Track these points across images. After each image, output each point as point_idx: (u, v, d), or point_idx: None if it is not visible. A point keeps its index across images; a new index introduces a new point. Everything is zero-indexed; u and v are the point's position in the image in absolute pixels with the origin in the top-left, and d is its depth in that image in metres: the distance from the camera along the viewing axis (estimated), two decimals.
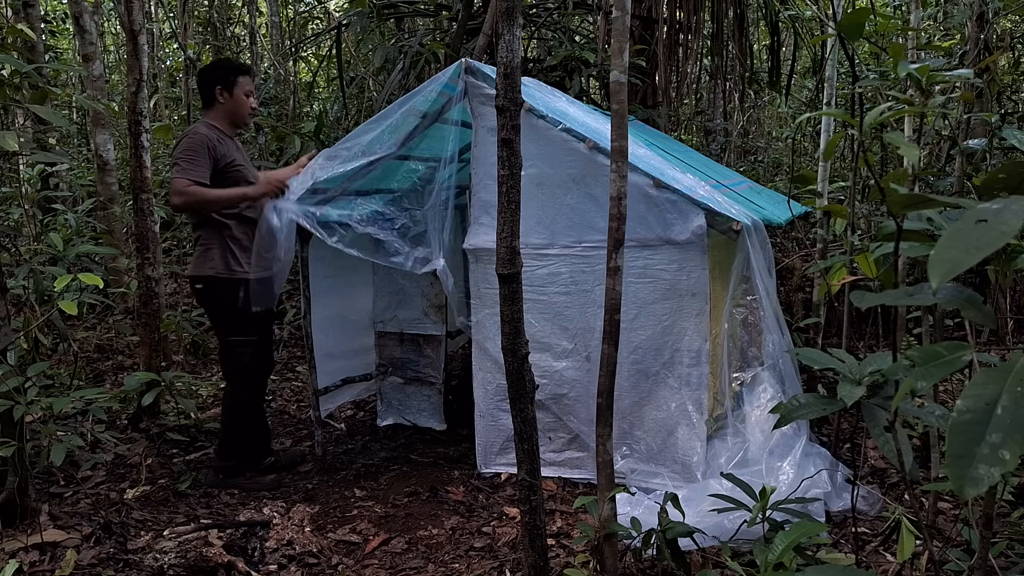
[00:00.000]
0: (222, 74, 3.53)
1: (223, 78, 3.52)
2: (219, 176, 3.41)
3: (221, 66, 3.59)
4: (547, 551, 2.34)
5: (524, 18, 6.42)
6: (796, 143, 8.17)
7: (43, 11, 8.98)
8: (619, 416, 3.10)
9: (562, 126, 3.30)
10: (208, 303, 3.56)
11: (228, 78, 3.52)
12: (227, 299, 3.45)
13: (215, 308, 3.55)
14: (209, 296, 3.49)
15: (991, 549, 1.96)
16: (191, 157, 3.33)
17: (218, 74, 3.54)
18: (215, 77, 3.53)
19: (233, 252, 3.44)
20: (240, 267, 3.44)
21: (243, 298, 3.44)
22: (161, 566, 2.70)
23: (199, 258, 3.48)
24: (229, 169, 3.44)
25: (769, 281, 3.28)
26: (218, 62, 3.67)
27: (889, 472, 3.38)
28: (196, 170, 3.32)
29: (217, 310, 3.54)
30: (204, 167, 3.34)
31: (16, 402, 2.86)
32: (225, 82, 3.52)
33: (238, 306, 3.44)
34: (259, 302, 3.46)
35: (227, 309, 3.48)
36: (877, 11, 3.41)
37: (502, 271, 2.17)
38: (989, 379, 1.01)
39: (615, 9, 2.43)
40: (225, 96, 3.53)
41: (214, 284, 3.44)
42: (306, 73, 11.72)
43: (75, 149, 9.66)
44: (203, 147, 3.35)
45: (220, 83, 3.52)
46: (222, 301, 3.47)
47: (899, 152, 2.16)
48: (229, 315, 3.48)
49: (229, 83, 3.52)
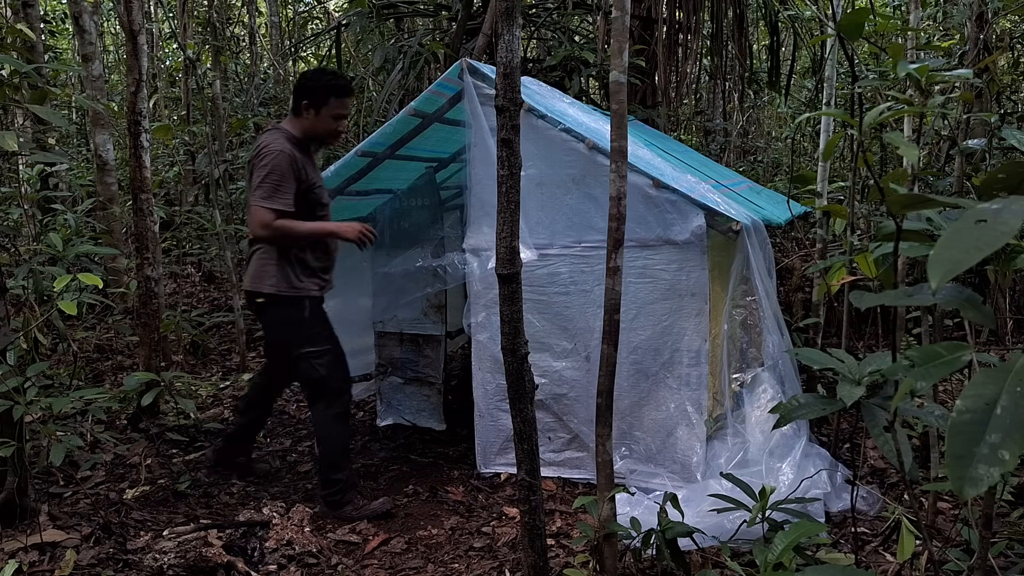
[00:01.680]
0: (315, 91, 3.21)
1: (314, 95, 3.20)
2: (300, 197, 3.15)
3: (318, 82, 3.24)
4: (547, 551, 2.34)
5: (524, 18, 6.42)
6: (796, 143, 8.17)
7: (43, 11, 8.98)
8: (619, 416, 3.10)
9: (562, 126, 3.30)
10: (268, 319, 3.32)
11: (319, 97, 3.20)
12: (292, 314, 3.23)
13: (279, 324, 3.30)
14: (270, 312, 3.25)
15: (991, 549, 1.96)
16: (277, 183, 3.05)
17: (312, 88, 3.21)
18: (307, 90, 3.22)
19: (295, 269, 3.19)
20: (302, 283, 3.21)
21: (309, 312, 3.24)
22: (161, 566, 2.70)
23: (257, 272, 3.21)
24: (309, 192, 3.19)
25: (768, 281, 3.28)
26: (319, 75, 3.31)
27: (889, 472, 3.38)
28: (282, 198, 3.06)
29: (282, 326, 3.29)
30: (289, 193, 3.08)
31: (16, 402, 2.85)
32: (314, 100, 3.20)
33: (304, 319, 3.23)
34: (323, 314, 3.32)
35: (294, 324, 3.25)
36: (877, 11, 3.41)
37: (502, 271, 2.17)
38: (989, 379, 1.01)
39: (615, 9, 2.43)
40: (310, 114, 3.22)
41: (276, 301, 3.20)
42: None
43: (75, 149, 9.66)
44: (289, 169, 3.07)
45: (309, 99, 3.20)
46: (287, 317, 3.25)
47: (898, 152, 2.16)
48: (297, 330, 3.26)
49: (318, 102, 3.20)
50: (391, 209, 4.32)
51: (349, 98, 3.30)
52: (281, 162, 3.07)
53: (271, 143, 3.13)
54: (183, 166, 8.34)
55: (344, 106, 3.26)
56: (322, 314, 3.33)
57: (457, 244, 3.83)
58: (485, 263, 3.39)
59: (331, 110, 3.22)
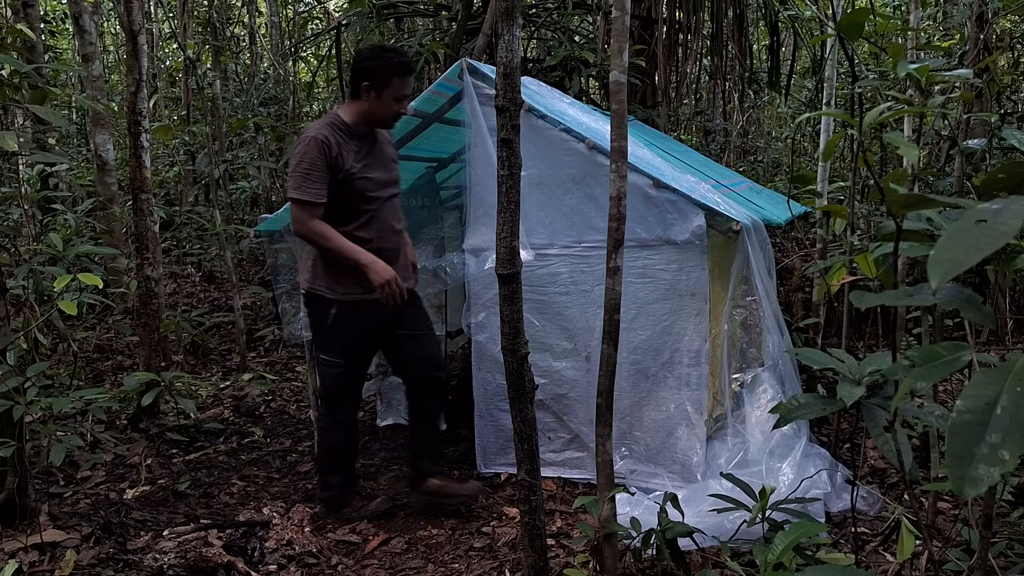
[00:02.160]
0: (377, 71, 2.96)
1: (376, 75, 2.95)
2: (337, 188, 2.96)
3: (380, 60, 2.98)
4: (547, 551, 2.34)
5: (524, 18, 6.42)
6: (796, 143, 8.17)
7: (43, 11, 8.98)
8: (619, 416, 3.09)
9: (562, 126, 3.30)
10: (314, 321, 3.22)
11: (382, 77, 2.96)
12: (318, 315, 3.13)
13: (310, 320, 3.23)
14: (314, 313, 3.16)
15: (991, 549, 1.96)
16: (305, 172, 2.89)
17: (373, 68, 2.97)
18: (367, 70, 2.97)
19: (330, 269, 3.04)
20: (335, 287, 3.05)
21: (335, 318, 3.08)
22: (161, 566, 2.70)
23: (301, 266, 3.21)
24: (349, 179, 2.97)
25: (769, 281, 3.28)
26: (379, 53, 3.03)
27: (889, 472, 3.38)
28: (311, 187, 2.89)
29: (311, 323, 3.24)
30: (319, 183, 2.90)
31: (16, 402, 2.85)
32: (376, 80, 2.96)
33: (327, 324, 3.10)
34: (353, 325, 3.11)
35: (318, 325, 3.16)
36: (877, 11, 3.41)
37: (502, 271, 2.17)
38: (989, 379, 1.01)
39: (615, 9, 2.43)
40: (370, 96, 2.99)
41: (308, 297, 3.14)
42: (306, 73, 11.73)
43: (75, 149, 9.66)
44: (320, 158, 2.89)
45: (370, 79, 2.96)
46: (314, 316, 3.17)
47: (899, 152, 2.16)
48: (319, 331, 3.19)
49: (381, 83, 2.96)
50: None
51: (411, 76, 3.09)
52: (310, 150, 2.90)
53: (306, 131, 3.00)
54: (183, 166, 8.34)
55: (407, 86, 3.03)
56: (353, 322, 3.09)
57: (457, 244, 3.82)
58: (484, 263, 3.39)
59: (394, 91, 2.99)
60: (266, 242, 3.98)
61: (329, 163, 2.91)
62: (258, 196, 7.99)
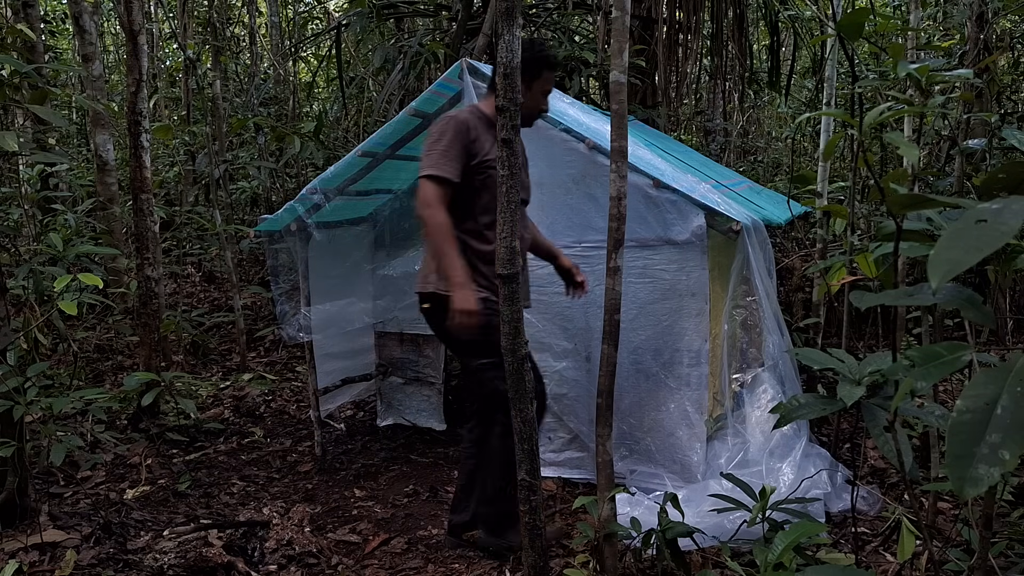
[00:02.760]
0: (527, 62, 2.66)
1: (527, 67, 2.66)
2: (469, 174, 2.76)
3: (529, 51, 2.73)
4: (547, 551, 2.34)
5: (524, 18, 6.42)
6: (796, 143, 8.17)
7: (43, 11, 8.97)
8: (619, 416, 3.09)
9: (562, 126, 3.30)
10: (437, 325, 2.87)
11: (532, 69, 2.78)
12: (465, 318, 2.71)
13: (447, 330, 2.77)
14: (437, 317, 2.81)
15: (991, 549, 1.96)
16: (445, 148, 2.71)
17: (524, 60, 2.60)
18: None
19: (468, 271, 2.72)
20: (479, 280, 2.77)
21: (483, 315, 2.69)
22: (161, 566, 2.70)
23: (422, 270, 2.88)
24: (481, 168, 2.77)
25: (769, 281, 3.28)
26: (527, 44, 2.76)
27: (889, 472, 3.38)
28: (447, 164, 2.70)
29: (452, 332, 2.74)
30: (456, 161, 2.71)
31: (16, 402, 2.86)
32: (525, 72, 2.61)
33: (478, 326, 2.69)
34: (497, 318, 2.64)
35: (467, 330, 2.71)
36: (877, 11, 3.41)
37: (502, 271, 2.17)
38: (989, 379, 1.01)
39: (615, 9, 2.43)
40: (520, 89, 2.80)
41: (440, 302, 2.75)
42: (306, 73, 11.73)
43: (75, 149, 9.66)
44: (458, 136, 2.72)
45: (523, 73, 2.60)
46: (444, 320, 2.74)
47: (899, 152, 2.16)
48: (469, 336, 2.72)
49: (531, 75, 2.77)
50: (391, 209, 4.32)
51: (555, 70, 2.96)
52: (449, 128, 2.74)
53: (446, 113, 2.86)
54: (183, 166, 8.35)
55: (552, 80, 2.92)
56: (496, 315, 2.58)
57: None
58: None
59: (542, 84, 2.87)
60: (266, 242, 3.98)
61: (466, 145, 2.75)
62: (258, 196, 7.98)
